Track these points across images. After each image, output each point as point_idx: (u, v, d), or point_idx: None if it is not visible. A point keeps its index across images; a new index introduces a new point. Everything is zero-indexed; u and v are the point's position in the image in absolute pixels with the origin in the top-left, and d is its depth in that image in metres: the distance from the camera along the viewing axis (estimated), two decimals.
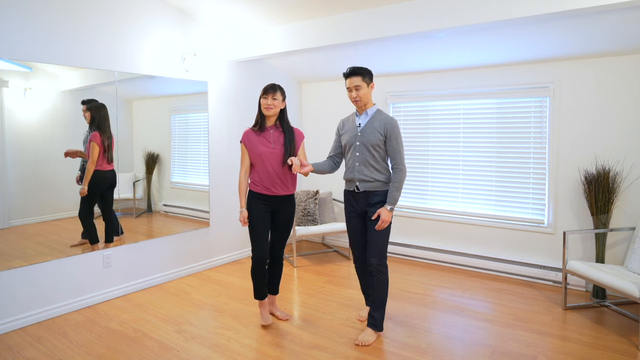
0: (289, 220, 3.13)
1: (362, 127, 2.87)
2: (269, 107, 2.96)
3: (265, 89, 2.98)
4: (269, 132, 3.01)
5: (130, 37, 3.73)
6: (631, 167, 3.61)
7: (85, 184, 3.49)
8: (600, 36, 3.34)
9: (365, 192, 2.87)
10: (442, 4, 3.23)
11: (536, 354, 2.74)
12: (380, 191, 2.86)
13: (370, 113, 2.88)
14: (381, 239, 2.84)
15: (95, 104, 3.52)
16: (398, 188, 2.80)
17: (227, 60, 4.60)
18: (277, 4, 3.69)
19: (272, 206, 3.05)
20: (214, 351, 2.79)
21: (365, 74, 2.83)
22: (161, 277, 4.06)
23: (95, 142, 3.51)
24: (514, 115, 4.17)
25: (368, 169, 2.84)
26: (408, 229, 4.83)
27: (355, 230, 3.00)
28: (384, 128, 2.81)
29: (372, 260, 2.84)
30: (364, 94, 2.82)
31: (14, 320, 3.12)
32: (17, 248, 3.16)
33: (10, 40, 3.02)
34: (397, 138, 2.81)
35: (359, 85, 2.81)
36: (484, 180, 4.37)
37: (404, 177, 2.81)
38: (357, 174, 2.87)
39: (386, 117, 2.85)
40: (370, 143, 2.82)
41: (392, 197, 2.79)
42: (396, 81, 4.83)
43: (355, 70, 2.82)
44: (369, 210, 2.86)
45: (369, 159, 2.84)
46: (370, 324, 2.92)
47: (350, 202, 2.98)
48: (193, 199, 4.35)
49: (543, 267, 3.98)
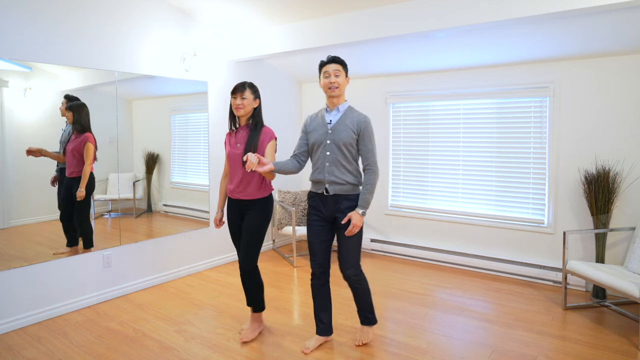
0: (251, 228, 2.82)
1: (333, 124, 2.65)
2: (239, 107, 2.79)
3: (234, 88, 2.81)
4: (239, 133, 2.87)
5: (130, 37, 3.73)
6: (631, 167, 3.61)
7: (82, 187, 3.44)
8: (600, 36, 3.34)
9: (335, 195, 2.64)
10: (442, 4, 3.23)
11: (536, 354, 2.74)
12: (352, 195, 2.64)
13: (341, 109, 2.68)
14: (355, 248, 2.65)
15: (77, 103, 3.40)
16: (370, 191, 2.60)
17: (227, 60, 4.60)
18: (277, 4, 3.69)
19: (239, 211, 2.89)
20: (214, 351, 2.79)
21: (345, 66, 2.68)
22: (161, 277, 4.06)
23: (91, 143, 3.47)
24: (514, 115, 4.17)
25: (339, 169, 2.62)
26: (408, 229, 4.83)
27: (318, 235, 2.70)
28: (357, 126, 2.61)
29: (348, 272, 2.66)
30: (342, 82, 2.64)
31: (14, 320, 3.12)
32: (17, 248, 3.16)
33: (10, 40, 3.02)
34: (371, 137, 2.63)
35: (338, 71, 2.63)
36: (484, 180, 4.37)
37: (377, 179, 2.63)
38: (327, 175, 2.62)
39: (359, 114, 2.66)
40: (342, 142, 2.60)
41: (364, 200, 2.58)
42: (396, 81, 4.82)
43: (337, 58, 2.66)
44: (339, 216, 2.63)
45: (341, 158, 2.62)
46: (364, 322, 2.86)
47: (316, 206, 2.71)
48: (193, 199, 4.35)
49: (543, 267, 3.98)
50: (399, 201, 4.93)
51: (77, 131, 3.41)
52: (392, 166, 4.94)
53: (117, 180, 3.76)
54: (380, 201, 5.01)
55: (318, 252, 2.70)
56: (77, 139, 3.41)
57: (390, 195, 4.97)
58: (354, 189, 2.66)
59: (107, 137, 3.67)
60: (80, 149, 3.42)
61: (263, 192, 2.85)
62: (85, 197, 3.47)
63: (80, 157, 3.44)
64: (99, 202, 3.66)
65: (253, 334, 2.96)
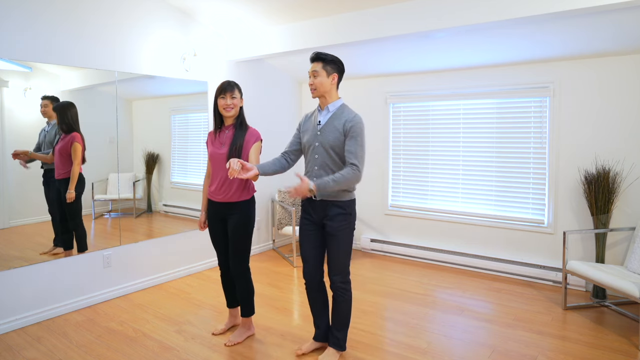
0: (237, 233, 2.75)
1: (322, 125, 2.50)
2: (229, 107, 2.68)
3: (222, 88, 2.69)
4: (224, 133, 2.75)
5: (130, 37, 3.73)
6: (631, 167, 3.61)
7: (71, 188, 3.36)
8: (600, 36, 3.34)
9: (323, 201, 2.49)
10: (442, 4, 3.23)
11: (536, 354, 2.74)
12: (341, 201, 2.48)
13: (332, 109, 2.50)
14: (343, 254, 2.51)
15: (62, 103, 3.32)
16: (337, 182, 2.33)
17: (227, 60, 4.60)
18: (277, 4, 3.69)
19: (221, 214, 2.80)
20: (214, 351, 2.79)
21: (329, 63, 2.46)
22: (161, 277, 4.06)
23: (79, 143, 3.39)
24: (514, 115, 4.17)
25: (328, 174, 2.45)
26: (408, 229, 4.83)
27: (308, 241, 2.59)
28: (344, 126, 2.42)
29: (334, 278, 2.53)
30: (320, 82, 2.45)
31: (14, 320, 3.12)
32: (17, 248, 3.16)
33: (10, 40, 3.02)
34: (358, 138, 2.39)
35: (316, 72, 2.45)
36: (484, 180, 4.37)
37: (353, 180, 2.36)
38: (315, 179, 2.42)
39: (349, 113, 2.46)
40: (329, 144, 2.44)
41: (324, 182, 2.32)
42: (396, 81, 4.82)
43: (319, 55, 2.47)
44: (328, 224, 2.49)
45: (329, 162, 2.46)
46: (332, 343, 2.64)
47: (307, 210, 2.59)
48: (193, 199, 4.35)
49: (543, 267, 3.98)
50: (399, 201, 4.92)
51: (64, 131, 3.33)
52: (392, 166, 4.94)
53: (117, 180, 3.76)
54: (380, 201, 5.01)
55: (310, 257, 2.60)
56: (65, 139, 3.34)
57: (390, 195, 4.97)
58: (344, 195, 2.49)
59: (107, 137, 3.67)
60: (67, 149, 3.34)
61: (246, 195, 2.76)
62: (76, 198, 3.42)
63: (68, 158, 3.35)
64: (99, 202, 3.66)
65: (240, 337, 2.89)
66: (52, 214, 3.32)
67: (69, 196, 3.36)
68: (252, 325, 2.99)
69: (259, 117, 4.87)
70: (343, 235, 2.49)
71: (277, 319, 3.26)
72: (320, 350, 2.76)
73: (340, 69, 2.51)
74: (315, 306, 2.70)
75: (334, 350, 2.63)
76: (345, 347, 2.67)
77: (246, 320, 2.94)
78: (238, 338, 2.89)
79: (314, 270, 2.62)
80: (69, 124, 3.36)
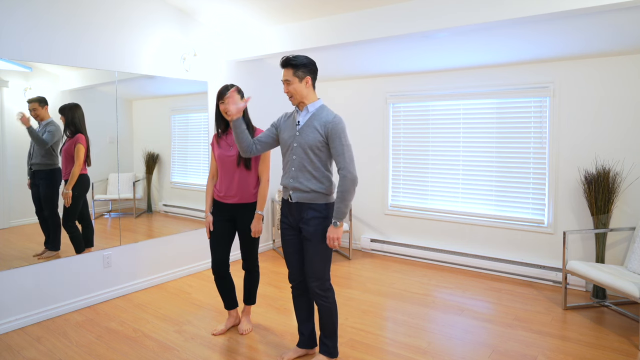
0: (249, 230, 2.87)
1: (301, 125, 2.44)
2: None
3: (221, 93, 2.75)
4: (230, 135, 2.84)
5: (130, 37, 3.73)
6: (631, 167, 3.61)
7: (69, 188, 3.35)
8: (600, 36, 3.33)
9: (298, 203, 2.44)
10: (442, 4, 3.23)
11: (536, 354, 2.74)
12: (317, 204, 2.41)
13: (311, 110, 2.44)
14: (320, 260, 2.43)
15: (69, 104, 3.32)
16: (342, 199, 2.33)
17: (227, 60, 4.60)
18: (277, 4, 3.69)
19: (230, 215, 2.87)
20: (214, 351, 2.79)
21: (299, 68, 2.38)
22: (161, 277, 4.06)
23: (82, 144, 3.40)
24: (514, 115, 4.17)
25: (304, 175, 2.41)
26: (408, 229, 4.83)
27: (288, 245, 2.55)
28: (324, 127, 2.37)
29: (312, 284, 2.46)
30: (294, 89, 2.40)
31: (14, 320, 3.12)
32: (17, 248, 3.16)
33: (12, 40, 3.02)
34: (341, 138, 2.35)
35: (288, 80, 2.40)
36: (484, 180, 4.37)
37: (352, 186, 2.33)
38: (291, 180, 2.42)
39: (328, 114, 2.41)
40: (308, 144, 2.38)
41: (337, 210, 2.35)
42: (396, 81, 4.83)
43: (288, 61, 2.40)
44: (303, 227, 2.43)
45: (306, 164, 2.40)
46: (322, 350, 2.57)
47: (285, 213, 2.54)
48: (193, 199, 4.35)
49: (543, 267, 3.98)
50: (399, 201, 4.93)
51: (71, 133, 3.36)
52: (392, 166, 4.94)
53: (117, 180, 3.76)
54: (380, 201, 5.01)
55: (292, 261, 2.56)
56: (70, 140, 3.36)
57: (390, 195, 4.97)
58: (320, 198, 2.41)
59: (107, 137, 3.67)
60: (71, 151, 3.36)
61: (257, 196, 2.86)
62: (77, 199, 3.41)
63: (72, 159, 3.37)
64: (99, 202, 3.66)
65: (250, 325, 3.10)
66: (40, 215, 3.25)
67: (65, 195, 3.35)
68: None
69: (259, 117, 4.87)
70: (319, 240, 2.41)
71: (277, 319, 3.26)
72: (303, 357, 2.68)
73: (312, 70, 2.44)
74: (299, 312, 2.65)
75: (324, 357, 2.57)
76: (337, 354, 2.58)
77: (249, 309, 3.15)
78: (249, 325, 3.08)
79: (298, 274, 2.58)
80: (76, 125, 3.38)
